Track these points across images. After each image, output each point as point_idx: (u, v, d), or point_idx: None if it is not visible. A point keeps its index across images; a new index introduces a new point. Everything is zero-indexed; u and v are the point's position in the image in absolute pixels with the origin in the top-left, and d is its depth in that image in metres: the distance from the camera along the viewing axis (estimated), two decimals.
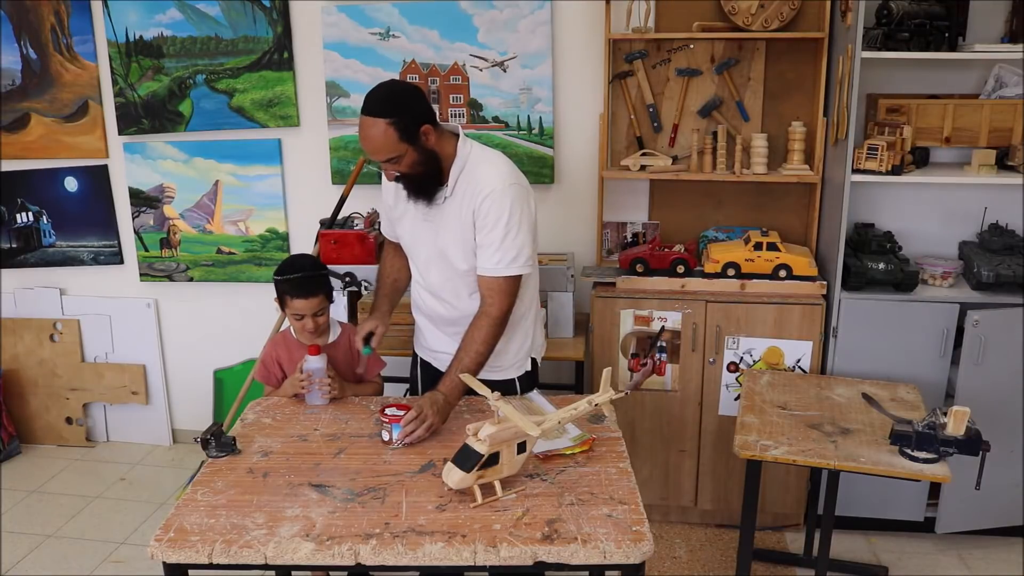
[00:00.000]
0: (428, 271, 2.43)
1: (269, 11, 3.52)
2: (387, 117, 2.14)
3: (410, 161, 2.20)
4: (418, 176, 2.24)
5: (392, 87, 2.24)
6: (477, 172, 2.27)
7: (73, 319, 4.03)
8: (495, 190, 2.23)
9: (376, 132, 2.15)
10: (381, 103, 2.16)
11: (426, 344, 2.60)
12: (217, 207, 3.81)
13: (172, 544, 1.76)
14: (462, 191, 2.27)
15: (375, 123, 2.14)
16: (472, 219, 2.26)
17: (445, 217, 2.31)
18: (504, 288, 2.28)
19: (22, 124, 3.83)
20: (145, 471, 3.90)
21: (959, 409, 2.29)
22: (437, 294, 2.44)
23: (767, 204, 3.36)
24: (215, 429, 2.13)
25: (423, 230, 2.37)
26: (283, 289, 2.45)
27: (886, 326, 2.99)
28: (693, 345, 3.11)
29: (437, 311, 2.47)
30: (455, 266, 2.35)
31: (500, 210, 2.22)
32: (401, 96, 2.20)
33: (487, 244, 2.26)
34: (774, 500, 3.22)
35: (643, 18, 3.17)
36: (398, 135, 2.15)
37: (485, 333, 2.28)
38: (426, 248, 2.39)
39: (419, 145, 2.19)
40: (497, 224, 2.23)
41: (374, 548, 1.73)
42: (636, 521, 1.81)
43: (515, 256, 2.26)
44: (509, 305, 2.31)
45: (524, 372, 2.52)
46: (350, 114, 3.56)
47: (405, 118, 2.15)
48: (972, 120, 3.10)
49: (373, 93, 2.20)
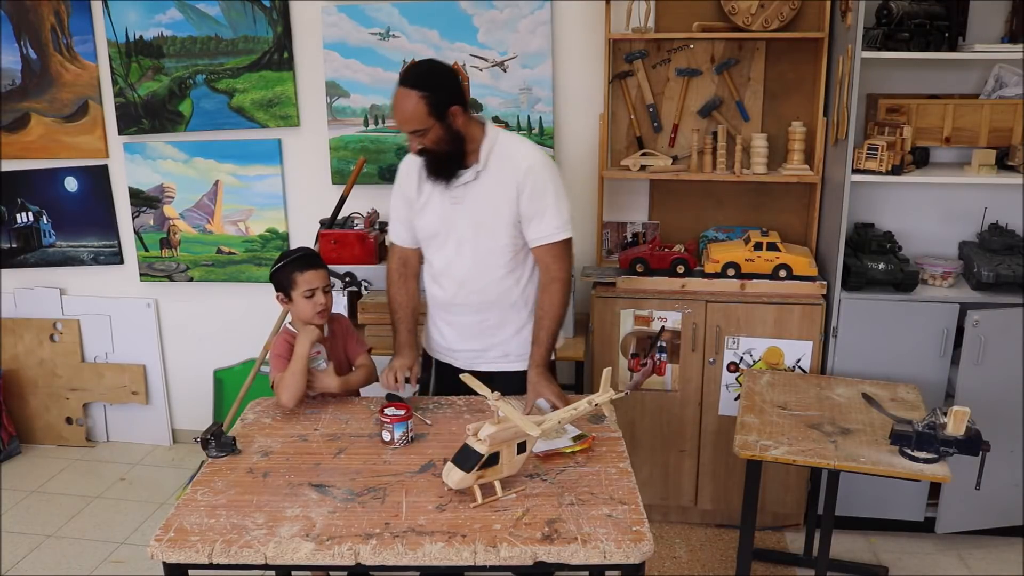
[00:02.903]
0: (460, 254, 2.44)
1: (269, 11, 3.52)
2: (421, 90, 2.24)
3: (435, 137, 2.29)
4: (440, 154, 2.33)
5: (432, 64, 2.39)
6: (510, 148, 2.39)
7: (73, 319, 4.03)
8: (537, 161, 2.38)
9: (408, 103, 2.24)
10: (417, 76, 2.28)
11: (446, 344, 2.58)
12: (217, 207, 3.81)
13: (172, 544, 1.76)
14: (497, 166, 2.37)
15: (408, 94, 2.25)
16: (515, 192, 2.35)
17: (481, 192, 2.38)
18: (563, 252, 2.42)
19: (22, 124, 3.83)
20: (145, 471, 3.90)
21: (959, 409, 2.29)
22: (467, 279, 2.45)
23: (767, 204, 3.36)
24: (215, 429, 2.13)
25: (453, 213, 2.42)
26: (289, 270, 2.45)
27: (886, 326, 2.99)
28: (693, 345, 3.11)
29: (464, 300, 2.47)
30: (495, 239, 2.40)
31: (545, 179, 2.37)
32: (438, 74, 2.33)
33: (540, 212, 2.37)
34: (774, 500, 3.22)
35: (643, 18, 3.17)
36: (428, 109, 2.24)
37: (559, 296, 2.42)
38: (458, 230, 2.43)
39: (446, 124, 2.28)
40: (546, 192, 2.37)
41: (374, 548, 1.73)
42: (636, 521, 1.81)
43: (566, 219, 2.41)
44: (570, 267, 2.47)
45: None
46: (350, 114, 3.56)
47: (438, 95, 2.25)
48: (972, 120, 3.10)
49: (413, 66, 2.36)
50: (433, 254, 2.51)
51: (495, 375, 2.45)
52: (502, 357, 2.49)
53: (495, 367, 2.49)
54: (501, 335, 2.49)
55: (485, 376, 2.44)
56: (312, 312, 2.45)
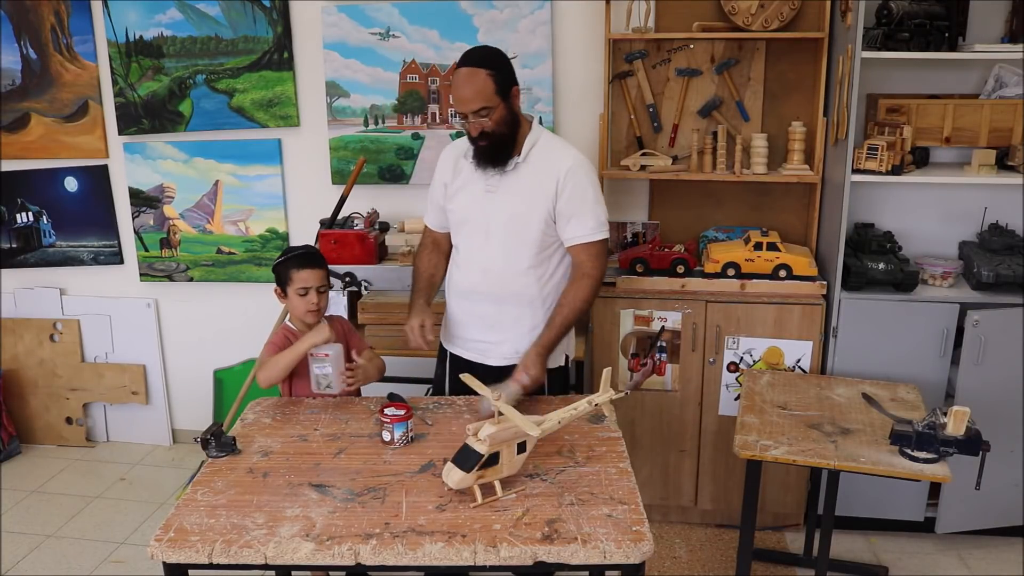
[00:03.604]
0: (488, 243, 2.46)
1: (269, 11, 3.52)
2: (489, 68, 2.29)
3: (498, 117, 2.32)
4: (500, 136, 2.36)
5: (490, 48, 2.43)
6: (552, 146, 2.43)
7: (73, 319, 4.03)
8: (578, 162, 2.40)
9: (477, 80, 2.28)
10: (483, 57, 2.34)
11: (463, 334, 2.59)
12: (217, 207, 3.81)
13: (172, 544, 1.76)
14: (538, 162, 2.40)
15: (476, 72, 2.29)
16: (554, 189, 2.38)
17: (518, 185, 2.41)
18: (600, 252, 2.44)
19: (22, 124, 3.83)
20: (145, 471, 3.90)
21: (959, 409, 2.29)
22: (491, 268, 2.46)
23: (767, 204, 3.36)
24: (215, 429, 2.13)
25: (486, 202, 2.44)
26: (288, 265, 2.49)
27: (886, 326, 2.99)
28: (693, 345, 3.11)
29: (484, 289, 2.48)
30: (528, 231, 2.41)
31: (586, 180, 2.40)
32: (500, 55, 2.38)
33: (579, 212, 2.39)
34: (774, 500, 3.22)
35: (643, 18, 3.17)
36: (495, 87, 2.29)
37: (586, 292, 2.42)
38: (489, 219, 2.44)
39: (509, 103, 2.34)
40: (586, 192, 2.39)
41: (374, 548, 1.73)
42: (636, 521, 1.81)
43: (604, 220, 2.44)
44: (604, 267, 2.48)
45: (557, 367, 2.53)
46: (350, 114, 3.56)
47: (503, 73, 2.32)
48: (972, 120, 3.10)
49: (474, 50, 2.38)
50: (461, 240, 2.54)
51: (505, 370, 2.45)
52: (513, 353, 2.48)
53: (506, 362, 2.48)
54: (515, 330, 2.48)
55: (495, 370, 2.45)
56: (303, 310, 2.48)
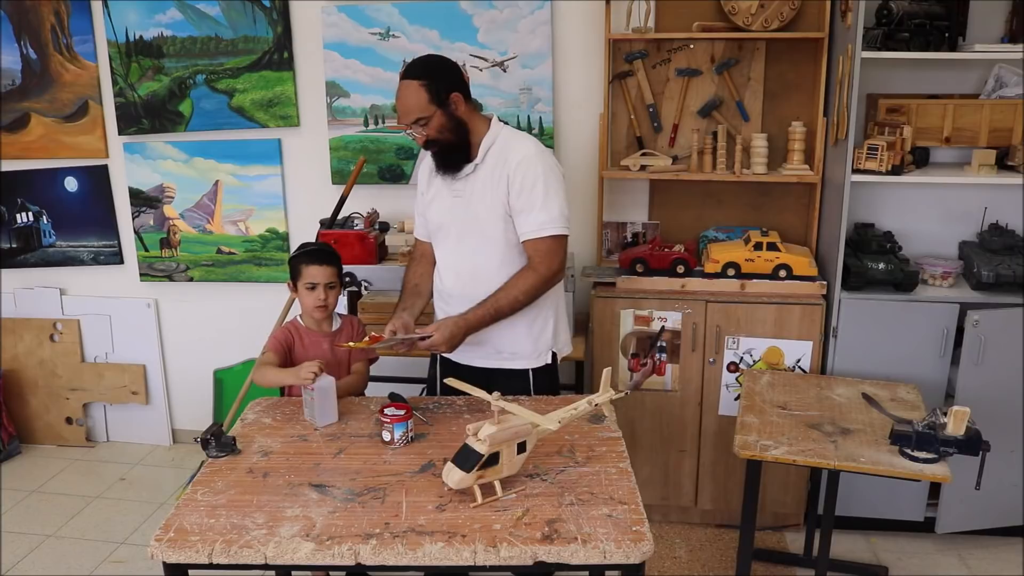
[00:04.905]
0: (459, 247, 2.47)
1: (269, 11, 3.52)
2: (421, 79, 2.29)
3: (437, 125, 2.31)
4: (445, 143, 2.35)
5: (429, 57, 2.45)
6: (509, 143, 2.40)
7: (73, 319, 4.03)
8: (528, 154, 2.35)
9: (410, 92, 2.29)
10: (416, 67, 2.35)
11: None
12: (217, 207, 3.81)
13: (172, 544, 1.76)
14: (493, 161, 2.38)
15: (409, 84, 2.30)
16: (506, 185, 2.35)
17: (477, 186, 2.40)
18: (550, 248, 2.37)
19: (22, 124, 3.83)
20: (145, 471, 3.90)
21: (959, 409, 2.29)
22: (463, 271, 2.47)
23: (767, 204, 3.36)
24: (215, 429, 2.13)
25: (454, 206, 2.44)
26: (299, 260, 2.55)
27: (886, 326, 2.99)
28: (693, 345, 3.11)
29: (460, 292, 2.47)
30: (492, 231, 2.40)
31: (536, 173, 2.33)
32: (436, 63, 2.39)
33: (527, 207, 2.34)
34: (774, 500, 3.22)
35: (643, 18, 3.17)
36: (428, 96, 2.29)
37: (529, 284, 2.36)
38: (459, 222, 2.45)
39: (448, 111, 2.32)
40: (535, 186, 2.33)
41: (374, 548, 1.73)
42: (636, 521, 1.81)
43: (556, 215, 2.35)
44: (559, 265, 2.40)
45: (542, 365, 2.52)
46: (350, 114, 3.56)
47: (437, 82, 2.30)
48: (972, 120, 3.10)
49: (412, 62, 2.39)
50: (437, 246, 2.55)
51: (494, 372, 2.46)
52: (495, 354, 2.48)
53: (492, 364, 2.49)
54: (496, 331, 2.47)
55: (484, 373, 2.45)
56: (311, 305, 2.54)
